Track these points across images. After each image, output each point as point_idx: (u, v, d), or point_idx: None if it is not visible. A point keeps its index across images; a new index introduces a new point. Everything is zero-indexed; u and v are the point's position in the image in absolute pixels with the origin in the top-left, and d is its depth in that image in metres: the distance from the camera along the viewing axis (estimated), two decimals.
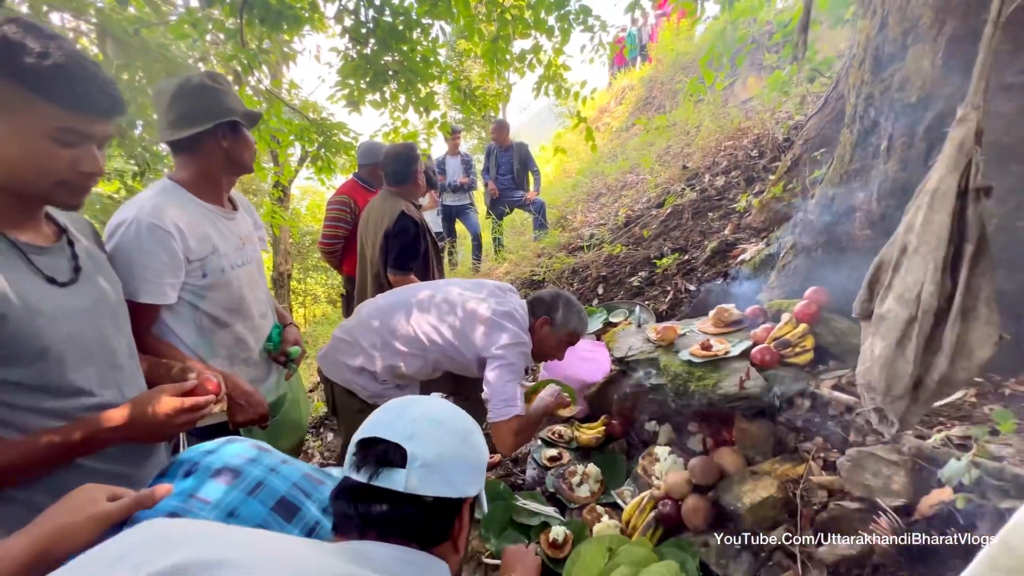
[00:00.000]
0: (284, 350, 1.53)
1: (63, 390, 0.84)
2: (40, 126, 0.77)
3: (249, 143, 1.37)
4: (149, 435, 0.91)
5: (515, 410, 1.47)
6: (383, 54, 2.63)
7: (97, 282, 0.94)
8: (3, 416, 0.79)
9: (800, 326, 1.45)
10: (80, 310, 0.87)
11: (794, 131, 3.05)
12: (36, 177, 0.80)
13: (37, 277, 0.82)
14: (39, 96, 0.75)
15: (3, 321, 0.76)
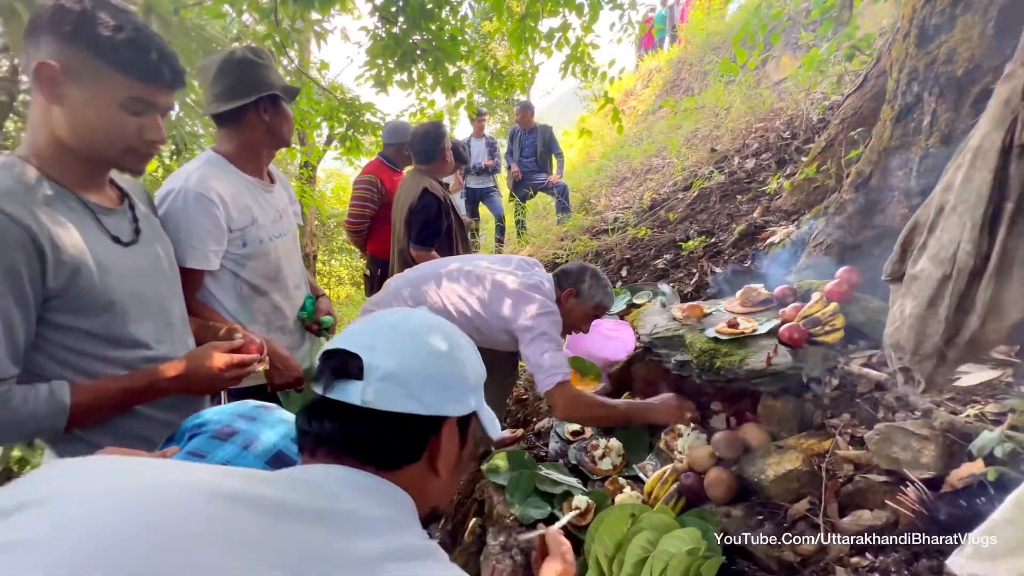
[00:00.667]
0: (317, 319, 1.59)
1: (124, 341, 0.90)
2: (113, 95, 0.83)
3: (288, 117, 1.41)
4: (201, 387, 0.97)
5: (558, 376, 1.48)
6: (412, 33, 2.64)
7: (154, 245, 1.01)
8: (72, 361, 0.86)
9: (830, 304, 1.43)
10: (140, 269, 0.94)
11: (829, 111, 2.96)
12: (107, 143, 0.86)
13: (104, 236, 0.89)
14: (113, 67, 0.81)
15: (77, 274, 0.82)
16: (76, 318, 0.84)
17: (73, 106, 0.81)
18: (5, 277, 0.75)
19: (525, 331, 1.53)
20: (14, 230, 0.75)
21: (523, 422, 2.32)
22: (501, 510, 1.48)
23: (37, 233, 0.77)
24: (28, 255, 0.76)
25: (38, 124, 0.84)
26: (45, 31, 0.79)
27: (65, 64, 0.79)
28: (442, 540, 2.00)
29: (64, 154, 0.85)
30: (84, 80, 0.80)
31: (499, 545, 1.37)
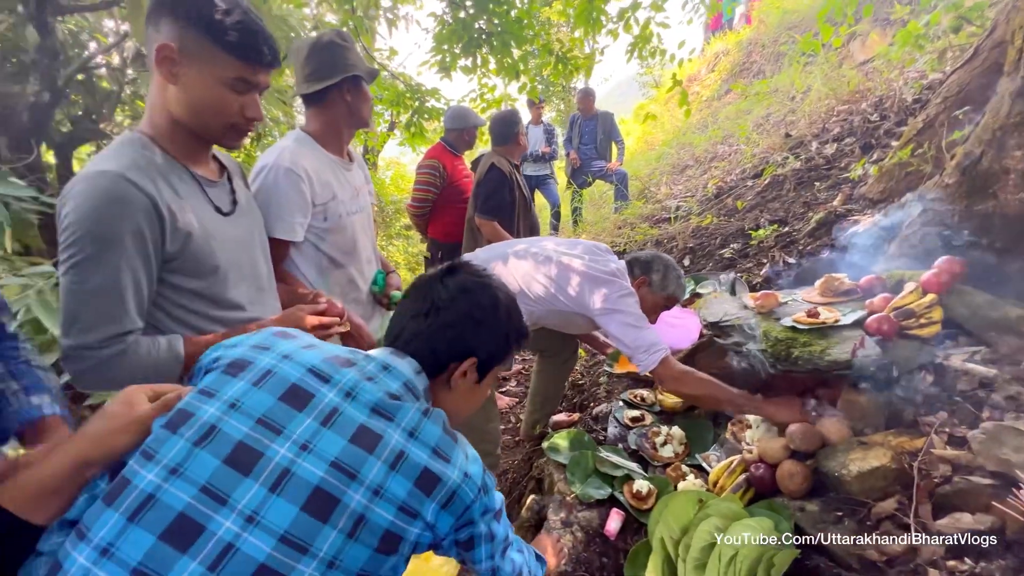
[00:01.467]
0: (387, 293, 1.66)
1: (224, 302, 0.98)
2: (221, 75, 0.89)
3: (368, 98, 1.48)
4: None
5: (660, 353, 1.45)
6: (479, 17, 2.66)
7: (249, 215, 1.09)
8: (182, 317, 0.95)
9: (927, 296, 1.32)
10: (238, 238, 1.01)
11: (927, 91, 2.70)
12: (213, 120, 0.92)
13: (209, 206, 0.97)
14: (223, 49, 0.87)
15: (189, 239, 0.90)
16: (186, 279, 0.92)
17: (186, 85, 0.88)
18: (134, 240, 0.83)
19: (610, 314, 1.51)
20: (141, 199, 0.83)
21: (579, 406, 2.32)
22: (562, 488, 1.50)
23: (159, 201, 0.85)
24: (151, 221, 0.84)
25: (156, 102, 0.91)
26: (166, 14, 0.86)
27: (182, 46, 0.86)
28: None
29: (177, 130, 0.92)
30: (197, 61, 0.87)
31: (560, 521, 1.39)
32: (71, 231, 0.80)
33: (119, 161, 0.84)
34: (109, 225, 0.81)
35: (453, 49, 2.96)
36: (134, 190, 0.82)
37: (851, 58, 4.56)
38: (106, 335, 0.82)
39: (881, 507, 1.05)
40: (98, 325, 0.82)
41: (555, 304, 1.59)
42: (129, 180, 0.82)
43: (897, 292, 1.41)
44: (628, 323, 1.49)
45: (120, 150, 0.88)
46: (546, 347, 2.00)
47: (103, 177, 0.81)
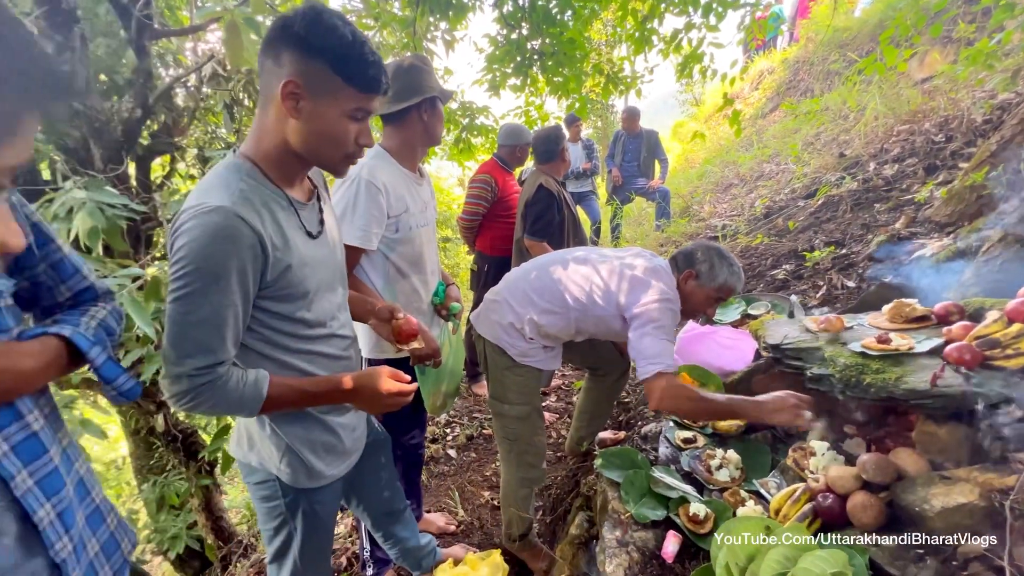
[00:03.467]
0: (446, 305, 1.70)
1: (310, 322, 1.01)
2: (344, 107, 0.89)
3: (442, 118, 1.55)
4: (365, 405, 1.05)
5: (658, 366, 1.38)
6: (533, 38, 2.73)
7: (332, 232, 1.11)
8: (269, 336, 0.97)
9: (1014, 326, 1.26)
10: (323, 259, 1.04)
11: (999, 111, 2.59)
12: (332, 151, 0.93)
13: (302, 231, 0.99)
14: (346, 81, 0.87)
15: (289, 270, 0.93)
16: (278, 304, 0.94)
17: (309, 118, 0.88)
18: (239, 276, 0.85)
19: (636, 316, 1.47)
20: (249, 236, 0.84)
21: (625, 424, 2.30)
22: (616, 506, 1.49)
23: (264, 236, 0.86)
24: (256, 257, 0.86)
25: (269, 130, 0.91)
26: (290, 48, 0.85)
27: (307, 80, 0.85)
28: (539, 532, 2.04)
29: (287, 157, 0.93)
30: (322, 94, 0.87)
31: (615, 540, 1.38)
32: (183, 264, 0.82)
33: (231, 193, 0.86)
34: (219, 262, 0.82)
35: (504, 68, 3.04)
36: (245, 227, 0.84)
37: (909, 76, 4.42)
38: (203, 364, 0.85)
39: (969, 547, 0.99)
40: (197, 354, 0.84)
41: (594, 309, 1.56)
42: (241, 217, 0.83)
43: (976, 320, 1.35)
44: (649, 328, 1.43)
45: (228, 178, 0.89)
46: (597, 365, 2.00)
47: (217, 214, 0.82)
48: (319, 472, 1.10)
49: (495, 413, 1.74)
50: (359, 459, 1.27)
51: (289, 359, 1.00)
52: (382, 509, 1.46)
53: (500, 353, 1.66)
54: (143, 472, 3.22)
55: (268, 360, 0.98)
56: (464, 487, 2.49)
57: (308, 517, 1.13)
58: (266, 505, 1.13)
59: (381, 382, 1.02)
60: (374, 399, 1.02)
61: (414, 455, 2.06)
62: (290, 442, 1.06)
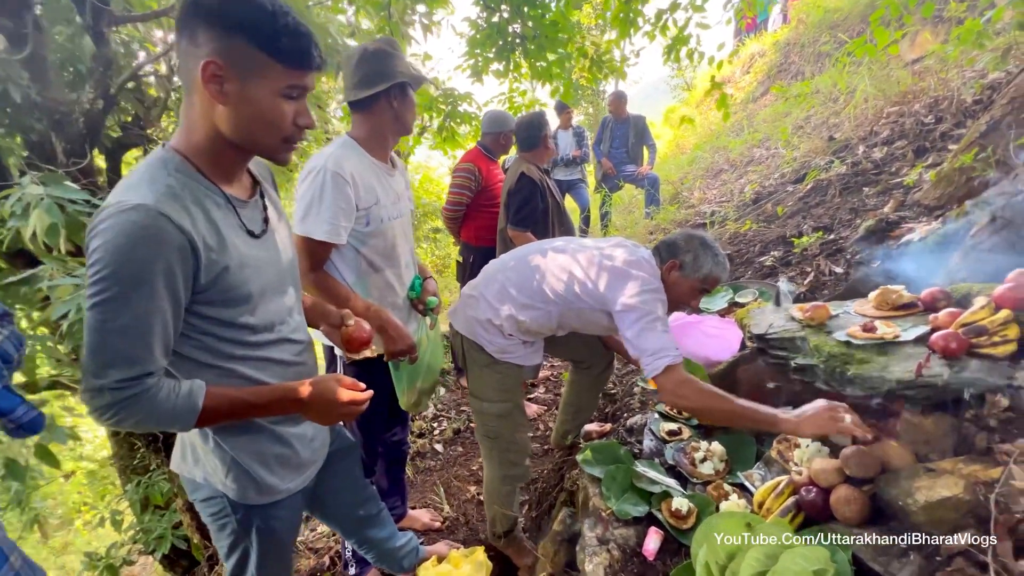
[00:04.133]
0: (423, 299, 1.65)
1: (256, 328, 0.94)
2: (275, 86, 0.82)
3: (413, 105, 1.48)
4: (318, 416, 0.98)
5: (666, 359, 1.32)
6: (513, 21, 2.65)
7: (279, 231, 1.03)
8: (208, 343, 0.90)
9: (1001, 312, 1.22)
10: (269, 259, 0.96)
11: (989, 91, 2.54)
12: (268, 135, 0.85)
13: (242, 230, 0.91)
14: (274, 57, 0.80)
15: (226, 272, 0.86)
16: (216, 309, 0.88)
17: (238, 101, 0.81)
18: (166, 280, 0.78)
19: (626, 312, 1.38)
20: (176, 236, 0.77)
21: (611, 417, 2.27)
22: (597, 503, 1.45)
23: (194, 237, 0.80)
24: (185, 259, 0.79)
25: (197, 119, 0.84)
26: (206, 25, 0.78)
27: (229, 60, 0.78)
28: (525, 527, 2.02)
29: (221, 148, 0.86)
30: (248, 74, 0.80)
31: (595, 538, 1.35)
32: (100, 268, 0.75)
33: (155, 190, 0.78)
34: (141, 265, 0.76)
35: (486, 53, 2.96)
36: (170, 227, 0.77)
37: (899, 57, 4.36)
38: (127, 376, 0.78)
39: (953, 542, 0.96)
40: (119, 365, 0.78)
41: (576, 303, 1.50)
42: (165, 215, 0.76)
43: (963, 307, 1.31)
44: (645, 322, 1.36)
45: (153, 174, 0.81)
46: (581, 358, 1.96)
47: (137, 212, 0.75)
48: (271, 487, 1.04)
49: (475, 410, 1.70)
50: (323, 469, 1.21)
51: (235, 367, 0.94)
52: (351, 517, 1.41)
53: (478, 350, 1.61)
54: (127, 472, 3.17)
55: (210, 369, 0.91)
56: (450, 482, 2.46)
57: (264, 534, 1.07)
58: (217, 523, 1.06)
59: (335, 392, 0.95)
60: (328, 409, 0.96)
61: (397, 452, 2.02)
62: (236, 456, 0.99)
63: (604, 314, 1.49)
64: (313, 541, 2.19)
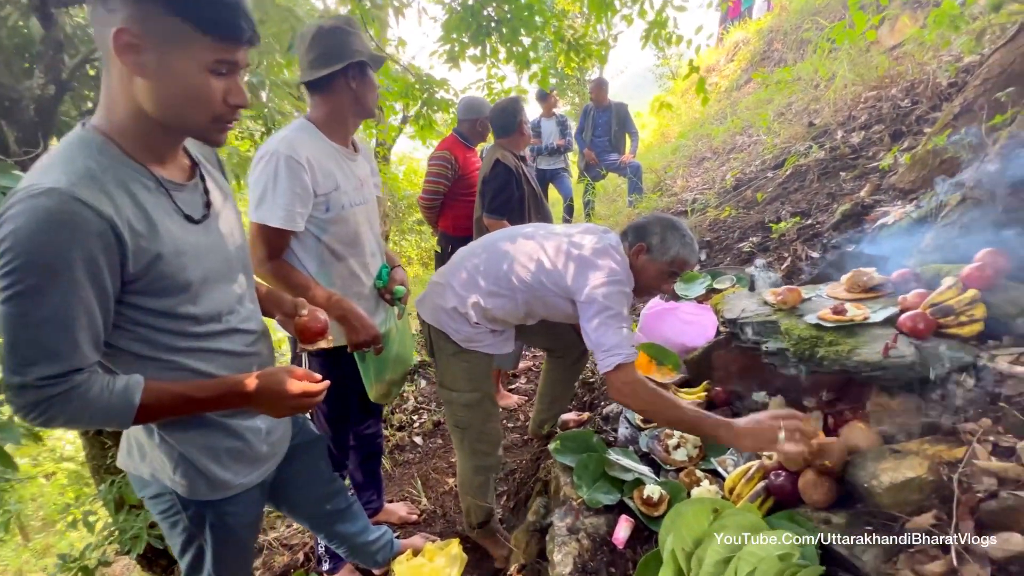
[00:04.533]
0: (390, 288, 1.60)
1: (197, 317, 0.89)
2: (201, 60, 0.77)
3: (374, 85, 1.42)
4: (270, 409, 0.93)
5: (618, 357, 1.30)
6: (488, 4, 2.58)
7: (224, 216, 0.97)
8: (148, 336, 0.85)
9: (968, 292, 1.21)
10: (212, 246, 0.91)
11: (964, 74, 2.54)
12: (195, 113, 0.80)
13: (178, 216, 0.86)
14: (196, 27, 0.75)
15: (159, 260, 0.81)
16: (152, 299, 0.83)
17: (158, 74, 0.75)
18: (87, 269, 0.72)
19: (589, 304, 1.36)
20: (95, 222, 0.72)
21: (589, 405, 2.25)
22: (568, 492, 1.43)
23: (117, 222, 0.74)
24: (108, 245, 0.74)
25: (117, 95, 0.78)
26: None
27: (145, 28, 0.72)
28: (502, 517, 2.00)
29: (146, 127, 0.80)
30: (168, 45, 0.74)
31: (565, 528, 1.33)
32: (9, 258, 0.69)
33: (69, 172, 0.72)
34: (56, 253, 0.70)
35: (462, 38, 2.88)
36: (87, 212, 0.71)
37: (879, 43, 4.36)
38: (51, 372, 0.73)
39: (916, 523, 0.95)
40: (41, 361, 0.72)
41: (541, 291, 1.47)
42: (80, 200, 0.70)
43: (933, 287, 1.30)
44: (603, 316, 1.33)
45: (71, 155, 0.75)
46: (554, 347, 1.93)
47: (49, 197, 0.69)
48: (224, 482, 0.99)
49: (444, 401, 1.66)
50: (285, 462, 1.17)
51: (178, 359, 0.89)
52: (318, 512, 1.37)
53: (445, 339, 1.57)
54: (100, 472, 3.09)
55: (150, 362, 0.86)
56: (428, 474, 2.43)
57: (218, 530, 1.03)
58: (167, 521, 1.02)
59: (286, 383, 0.90)
60: (278, 402, 0.91)
61: (372, 445, 1.98)
62: (184, 451, 0.94)
63: (569, 302, 1.46)
64: (288, 537, 2.15)
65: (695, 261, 1.54)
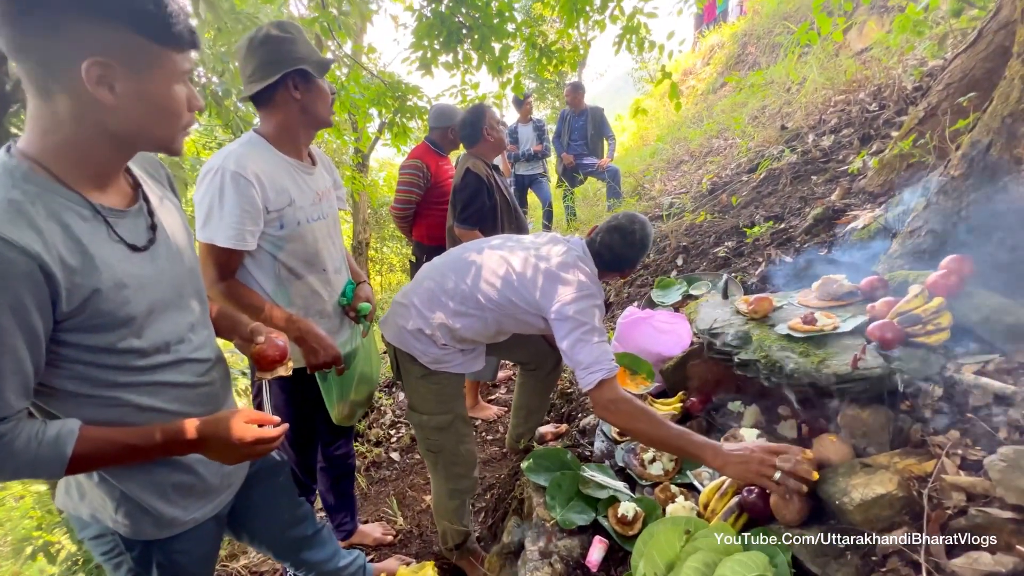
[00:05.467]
0: (355, 306, 1.54)
1: (144, 351, 0.84)
2: (170, 73, 0.75)
3: (322, 93, 1.35)
4: (219, 456, 0.88)
5: (600, 373, 1.26)
6: (457, 10, 2.54)
7: (172, 239, 0.91)
8: (87, 373, 0.79)
9: (934, 300, 1.21)
10: (159, 274, 0.86)
11: (928, 78, 2.58)
12: (168, 125, 0.78)
13: (119, 244, 0.80)
14: (162, 44, 0.73)
15: (96, 295, 0.75)
16: (89, 336, 0.77)
17: (132, 97, 0.73)
18: (13, 314, 0.67)
19: (561, 321, 1.33)
20: (20, 261, 0.67)
21: (566, 418, 2.22)
22: (541, 513, 1.39)
23: (46, 259, 0.69)
24: (36, 285, 0.69)
25: (64, 121, 0.73)
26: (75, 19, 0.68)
27: (115, 56, 0.70)
28: (480, 535, 1.95)
29: (94, 150, 0.76)
30: (139, 66, 0.72)
31: (538, 551, 1.29)
32: None
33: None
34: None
35: (433, 45, 2.84)
36: (11, 252, 0.66)
37: (848, 47, 4.44)
38: None
39: (887, 541, 0.94)
40: None
41: (510, 308, 1.44)
42: (3, 239, 0.65)
43: (901, 294, 1.30)
44: (575, 334, 1.30)
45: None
46: (527, 359, 1.89)
47: None
48: (172, 519, 0.93)
49: (414, 424, 1.61)
50: (243, 491, 1.11)
51: (120, 394, 0.82)
52: (282, 540, 1.31)
53: (411, 361, 1.51)
54: None
55: (88, 400, 0.80)
56: (405, 492, 2.37)
57: (167, 570, 0.97)
58: (110, 563, 0.95)
59: (232, 430, 0.85)
60: (226, 449, 0.86)
61: (342, 466, 1.92)
62: (126, 488, 0.88)
63: (541, 318, 1.42)
64: (257, 565, 2.07)
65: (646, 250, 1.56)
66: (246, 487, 1.12)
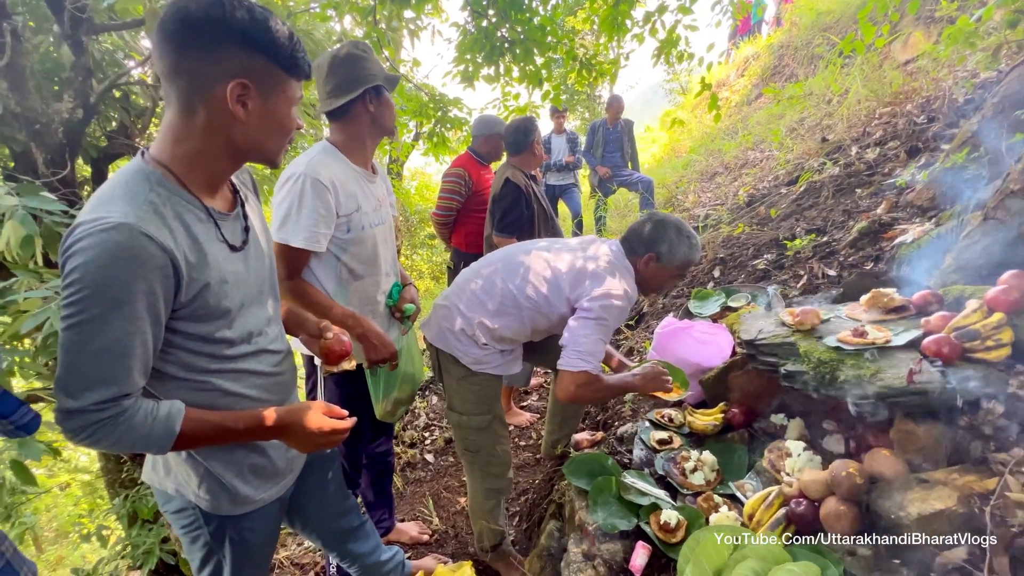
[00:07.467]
0: (400, 307, 1.61)
1: (233, 341, 0.92)
2: (290, 97, 0.87)
3: (391, 106, 1.45)
4: (295, 443, 0.96)
5: (586, 365, 1.42)
6: (501, 25, 2.63)
7: (259, 242, 1.01)
8: (182, 358, 0.88)
9: (994, 315, 1.19)
10: (248, 271, 0.95)
11: (981, 90, 2.51)
12: (281, 140, 0.89)
13: (223, 244, 0.90)
14: (288, 72, 0.84)
15: (206, 289, 0.84)
16: (193, 324, 0.86)
17: (261, 117, 0.84)
18: (147, 301, 0.76)
19: (583, 309, 1.46)
20: (159, 256, 0.76)
21: (603, 425, 2.23)
22: (583, 516, 1.41)
23: (176, 255, 0.79)
24: (167, 278, 0.78)
25: (197, 133, 0.83)
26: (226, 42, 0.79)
27: (255, 79, 0.81)
28: (515, 539, 1.97)
29: (217, 161, 0.86)
30: (269, 90, 0.83)
31: (581, 553, 1.30)
32: (77, 288, 0.72)
33: (135, 207, 0.76)
34: (122, 286, 0.74)
35: (476, 58, 2.94)
36: (152, 247, 0.75)
37: (892, 58, 4.34)
38: (104, 398, 0.76)
39: (947, 556, 0.92)
40: (97, 387, 0.75)
41: (545, 307, 1.53)
42: (147, 235, 0.75)
43: (956, 310, 1.28)
44: (591, 323, 1.44)
45: (133, 189, 0.79)
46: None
47: (119, 232, 0.73)
48: (246, 497, 1.01)
49: (453, 424, 1.65)
50: (300, 478, 1.18)
51: (209, 379, 0.91)
52: (331, 529, 1.37)
53: (453, 362, 1.57)
54: (114, 486, 3.12)
55: (183, 383, 0.89)
56: (440, 493, 2.41)
57: (237, 545, 1.04)
58: (189, 535, 1.03)
59: (309, 419, 0.93)
60: (304, 438, 0.94)
61: (382, 463, 1.98)
62: (210, 466, 0.96)
63: (571, 310, 1.51)
64: (299, 556, 2.14)
65: (698, 258, 1.61)
66: (303, 475, 1.19)
